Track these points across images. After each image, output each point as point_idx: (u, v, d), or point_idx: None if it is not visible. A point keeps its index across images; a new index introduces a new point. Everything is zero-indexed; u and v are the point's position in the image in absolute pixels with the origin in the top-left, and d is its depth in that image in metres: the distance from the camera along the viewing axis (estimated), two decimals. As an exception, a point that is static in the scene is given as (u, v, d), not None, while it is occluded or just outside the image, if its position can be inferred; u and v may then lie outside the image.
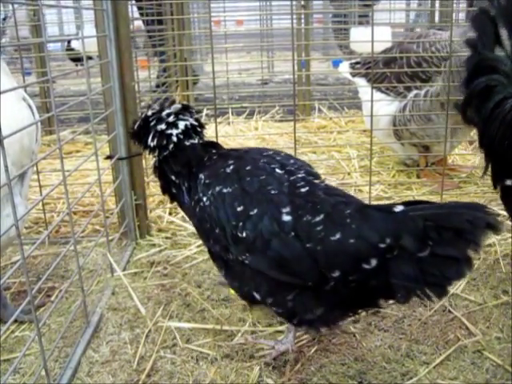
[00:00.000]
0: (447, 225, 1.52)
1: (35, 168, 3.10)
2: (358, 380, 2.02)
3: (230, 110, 6.04)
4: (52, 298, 2.64)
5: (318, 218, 1.69)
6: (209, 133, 2.41)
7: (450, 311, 2.43)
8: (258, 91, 7.59)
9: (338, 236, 1.63)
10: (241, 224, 1.80)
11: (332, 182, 4.00)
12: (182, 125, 2.18)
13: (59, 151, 2.09)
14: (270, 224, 1.75)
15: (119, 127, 3.04)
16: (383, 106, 3.94)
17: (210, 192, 1.94)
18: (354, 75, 4.33)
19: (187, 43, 6.06)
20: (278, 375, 2.06)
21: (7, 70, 2.25)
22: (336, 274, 1.64)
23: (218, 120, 5.34)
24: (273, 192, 1.81)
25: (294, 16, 5.80)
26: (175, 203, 2.30)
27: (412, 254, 1.55)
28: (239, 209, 1.83)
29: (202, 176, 2.02)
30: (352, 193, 3.82)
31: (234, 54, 9.45)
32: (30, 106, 2.29)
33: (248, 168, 1.94)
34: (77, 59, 8.88)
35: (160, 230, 3.34)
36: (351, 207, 1.70)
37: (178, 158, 2.16)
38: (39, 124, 2.39)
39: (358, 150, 4.74)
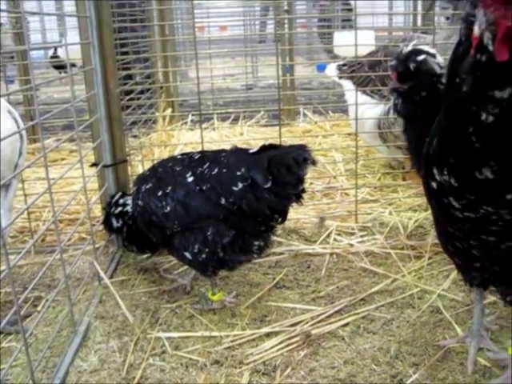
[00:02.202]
0: (282, 163, 2.19)
1: (20, 177, 3.08)
2: (349, 383, 2.02)
3: (214, 116, 6.04)
4: (38, 308, 2.62)
5: (205, 166, 2.40)
6: (194, 138, 2.48)
7: (438, 312, 2.45)
8: (242, 96, 7.60)
9: (216, 170, 2.33)
10: (164, 203, 2.43)
11: (318, 186, 4.02)
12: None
13: (44, 159, 2.07)
14: (182, 190, 2.39)
15: (104, 134, 3.02)
16: (368, 109, 3.96)
17: (140, 195, 2.56)
18: (340, 77, 4.35)
19: (171, 49, 6.05)
20: (268, 380, 2.06)
21: None
22: (223, 200, 2.29)
23: (203, 126, 5.33)
24: (178, 169, 2.48)
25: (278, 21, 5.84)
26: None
27: (260, 185, 2.21)
28: (159, 193, 2.46)
29: (132, 190, 2.70)
30: (338, 197, 3.84)
31: (219, 59, 9.45)
32: (15, 120, 2.27)
33: (157, 164, 2.69)
34: (60, 67, 8.83)
35: (147, 237, 3.32)
36: (227, 152, 2.45)
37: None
38: (24, 136, 2.37)
39: (343, 154, 4.75)
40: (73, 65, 4.30)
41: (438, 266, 2.84)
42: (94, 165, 3.09)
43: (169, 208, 2.42)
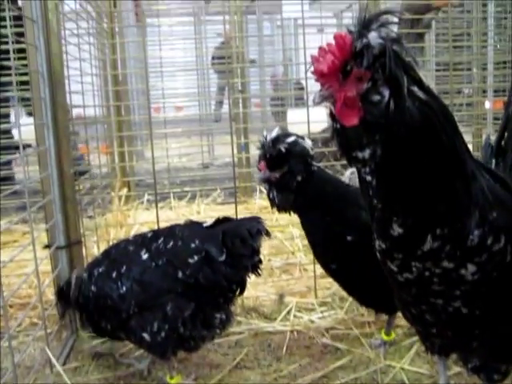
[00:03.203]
0: (236, 235, 2.28)
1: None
2: None
3: (171, 195, 6.03)
4: (-15, 400, 2.47)
5: (159, 241, 2.40)
6: (151, 218, 2.51)
7: (402, 387, 2.41)
8: (199, 175, 7.63)
9: (171, 243, 2.36)
10: (119, 284, 2.36)
11: (276, 262, 4.00)
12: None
13: (-6, 242, 2.01)
14: (137, 268, 2.36)
15: (58, 215, 2.97)
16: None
17: (93, 280, 2.48)
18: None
19: (127, 129, 6.08)
20: None
21: None
22: (180, 274, 2.29)
23: (160, 205, 5.30)
24: (132, 248, 2.45)
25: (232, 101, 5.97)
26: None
27: (214, 257, 2.26)
28: (114, 275, 2.40)
29: (83, 276, 2.56)
30: (297, 272, 3.82)
31: (174, 139, 9.54)
32: None
33: (109, 247, 2.67)
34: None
35: (102, 320, 3.21)
36: (181, 225, 2.51)
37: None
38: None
39: (300, 229, 4.74)
40: (28, 145, 4.27)
41: (400, 339, 2.82)
42: (47, 246, 3.01)
43: (125, 288, 2.36)
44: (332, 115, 1.55)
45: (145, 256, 2.39)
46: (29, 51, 2.84)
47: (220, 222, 2.42)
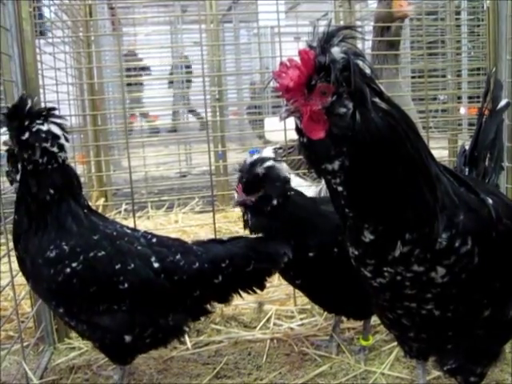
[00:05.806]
0: (262, 249, 2.41)
1: None
2: None
3: (149, 204, 5.99)
4: (-40, 416, 2.42)
5: (177, 257, 2.34)
6: None
7: (382, 393, 2.41)
8: (176, 184, 7.59)
9: (197, 264, 2.34)
10: (121, 278, 2.23)
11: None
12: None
13: (-33, 254, 1.97)
14: (147, 273, 2.27)
15: (33, 226, 2.92)
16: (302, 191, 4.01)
17: (81, 257, 2.21)
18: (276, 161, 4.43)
19: (104, 139, 6.04)
20: None
21: None
22: (197, 292, 2.35)
23: (138, 214, 5.26)
24: (139, 248, 2.33)
25: (209, 109, 5.96)
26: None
27: (241, 268, 2.38)
28: (117, 267, 2.24)
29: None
30: (276, 280, 3.81)
31: (152, 148, 9.49)
32: None
33: (115, 234, 2.36)
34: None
35: (80, 332, 3.17)
36: (194, 245, 2.46)
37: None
38: None
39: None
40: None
41: (379, 345, 2.83)
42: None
43: (126, 285, 2.24)
44: (298, 130, 1.58)
45: (156, 264, 2.30)
46: (2, 60, 2.81)
47: (234, 239, 2.51)
